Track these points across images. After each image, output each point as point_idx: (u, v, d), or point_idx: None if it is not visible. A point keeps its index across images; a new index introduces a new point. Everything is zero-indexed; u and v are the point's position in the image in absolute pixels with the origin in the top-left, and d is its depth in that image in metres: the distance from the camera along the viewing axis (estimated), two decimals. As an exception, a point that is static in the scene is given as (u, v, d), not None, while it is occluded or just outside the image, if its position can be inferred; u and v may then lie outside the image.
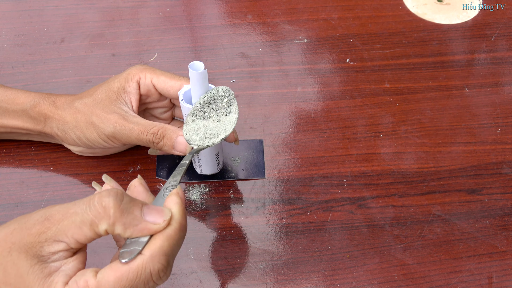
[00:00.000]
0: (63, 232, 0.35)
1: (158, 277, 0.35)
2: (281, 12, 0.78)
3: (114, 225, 0.35)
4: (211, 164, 0.59)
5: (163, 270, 0.35)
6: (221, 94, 0.52)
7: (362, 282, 0.56)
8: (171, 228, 0.36)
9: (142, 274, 0.34)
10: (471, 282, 0.56)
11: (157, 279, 0.35)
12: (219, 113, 0.52)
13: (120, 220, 0.35)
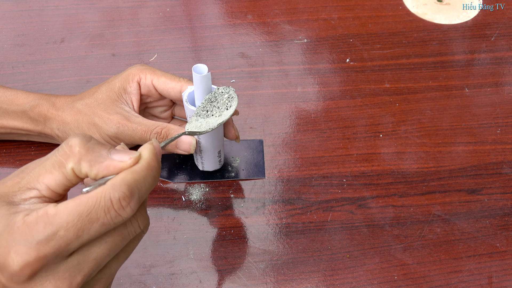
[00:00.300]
0: (35, 179, 0.34)
1: (119, 206, 0.33)
2: (281, 12, 0.78)
3: (80, 163, 0.34)
4: (213, 161, 0.60)
5: (125, 199, 0.33)
6: (221, 91, 0.53)
7: (362, 282, 0.56)
8: (138, 165, 0.35)
9: (102, 200, 0.33)
10: (471, 282, 0.56)
11: (118, 208, 0.33)
12: (221, 109, 0.52)
13: (86, 157, 0.34)
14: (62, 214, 0.32)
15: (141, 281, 0.55)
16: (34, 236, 0.31)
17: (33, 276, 0.32)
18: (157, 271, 0.56)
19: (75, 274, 0.33)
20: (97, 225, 0.33)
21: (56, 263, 0.32)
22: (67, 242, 0.32)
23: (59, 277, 0.32)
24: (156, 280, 0.55)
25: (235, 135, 0.58)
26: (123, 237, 0.35)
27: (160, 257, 0.57)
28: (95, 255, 0.33)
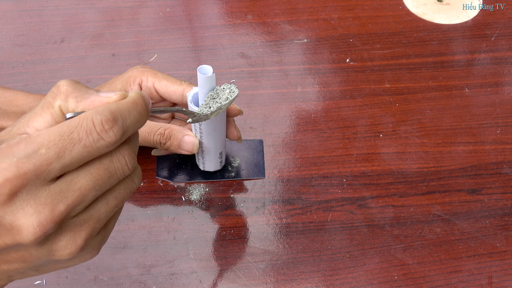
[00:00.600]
0: (25, 124, 0.34)
1: (101, 128, 0.32)
2: (281, 12, 0.78)
3: (67, 100, 0.34)
4: (214, 162, 0.60)
5: (108, 123, 0.32)
6: (223, 87, 0.53)
7: (362, 282, 0.56)
8: (123, 100, 0.34)
9: (84, 122, 0.32)
10: (471, 282, 0.56)
11: (101, 130, 0.32)
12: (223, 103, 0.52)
13: (72, 94, 0.34)
14: (44, 134, 0.32)
15: (141, 281, 0.55)
16: (14, 154, 0.31)
17: (13, 196, 0.31)
18: (157, 271, 0.56)
19: (58, 202, 0.32)
20: (79, 146, 0.32)
21: (38, 186, 0.31)
22: (48, 161, 0.31)
23: (40, 202, 0.31)
24: (156, 280, 0.55)
25: (237, 135, 0.58)
26: (109, 172, 0.34)
27: (160, 257, 0.57)
28: (79, 185, 0.32)
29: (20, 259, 0.33)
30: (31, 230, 0.31)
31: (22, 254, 0.32)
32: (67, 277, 0.55)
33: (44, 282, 0.55)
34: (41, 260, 0.33)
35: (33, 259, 0.32)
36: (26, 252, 0.32)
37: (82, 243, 0.33)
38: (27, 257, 0.32)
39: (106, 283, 0.55)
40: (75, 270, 0.56)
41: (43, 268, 0.34)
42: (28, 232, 0.31)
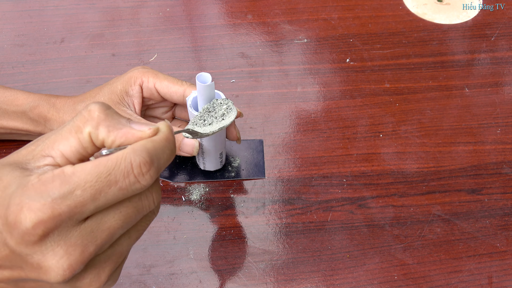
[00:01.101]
0: (50, 146, 0.33)
1: (139, 171, 0.31)
2: (281, 12, 0.78)
3: (98, 128, 0.32)
4: (214, 162, 0.60)
5: (145, 165, 0.31)
6: (220, 102, 0.53)
7: (362, 282, 0.56)
8: (157, 136, 0.33)
9: (122, 163, 0.31)
10: (471, 282, 0.56)
11: (138, 174, 0.31)
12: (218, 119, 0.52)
13: (104, 122, 0.33)
14: (80, 173, 0.30)
15: (141, 281, 0.55)
16: (49, 193, 0.30)
17: (45, 237, 0.30)
18: (157, 271, 0.56)
19: (88, 243, 0.31)
20: (115, 188, 0.31)
21: (69, 227, 0.31)
22: (83, 203, 0.30)
23: (71, 243, 0.30)
24: (156, 280, 0.55)
25: (236, 136, 0.58)
26: (138, 210, 0.33)
27: (160, 257, 0.57)
28: (108, 225, 0.32)
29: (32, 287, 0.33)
30: (61, 272, 0.30)
31: (41, 285, 0.32)
32: (67, 277, 0.55)
33: (44, 282, 0.55)
34: None
35: None
36: (48, 285, 0.32)
37: (105, 279, 0.33)
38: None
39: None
40: (75, 270, 0.56)
41: None
42: (57, 274, 0.30)
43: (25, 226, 0.29)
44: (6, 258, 0.30)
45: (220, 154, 0.59)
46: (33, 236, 0.29)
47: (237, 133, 0.58)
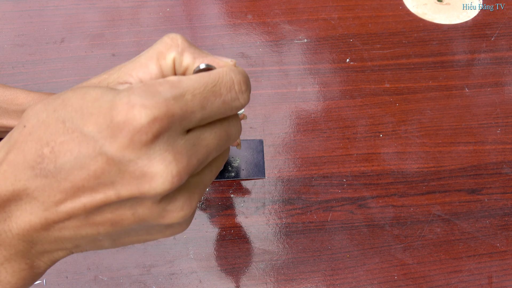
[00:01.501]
0: (127, 73, 0.31)
1: (240, 89, 0.30)
2: (281, 12, 0.78)
3: (183, 54, 0.31)
4: None
5: (244, 84, 0.31)
6: None
7: (362, 282, 0.56)
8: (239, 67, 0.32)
9: (225, 77, 0.30)
10: (471, 282, 0.56)
11: (239, 90, 0.30)
12: None
13: (189, 49, 0.31)
14: (187, 81, 0.29)
15: (141, 281, 0.55)
16: (161, 94, 0.28)
17: (156, 138, 0.27)
18: (157, 271, 0.56)
19: (191, 155, 0.29)
20: (219, 101, 0.30)
21: (177, 134, 0.28)
22: (192, 109, 0.29)
23: (178, 151, 0.28)
24: (156, 280, 0.55)
25: (236, 141, 0.58)
26: (227, 135, 0.31)
27: (160, 257, 0.57)
28: (206, 142, 0.30)
29: (113, 220, 0.29)
30: (169, 178, 0.27)
31: (120, 214, 0.29)
32: (67, 277, 0.55)
33: (44, 282, 0.55)
34: (138, 224, 0.29)
35: (131, 221, 0.29)
36: (129, 212, 0.29)
37: (195, 206, 0.30)
38: (124, 219, 0.29)
39: (106, 283, 0.55)
40: (75, 270, 0.56)
41: (124, 239, 0.31)
42: (166, 180, 0.27)
43: (139, 123, 0.27)
44: (97, 173, 0.27)
45: None
46: (145, 135, 0.27)
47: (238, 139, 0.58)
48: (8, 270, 0.30)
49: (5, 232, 0.29)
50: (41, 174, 0.28)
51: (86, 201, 0.28)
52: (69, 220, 0.29)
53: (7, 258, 0.30)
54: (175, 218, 0.29)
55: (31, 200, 0.29)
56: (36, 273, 0.31)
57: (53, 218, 0.28)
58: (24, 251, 0.30)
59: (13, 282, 0.30)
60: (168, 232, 0.31)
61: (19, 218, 0.29)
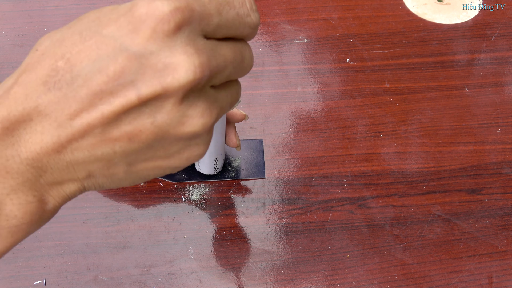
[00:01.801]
0: None
1: (251, 6, 0.30)
2: (281, 12, 0.78)
3: None
4: (208, 166, 0.60)
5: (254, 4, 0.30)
6: None
7: (362, 282, 0.56)
8: None
9: None
10: (471, 282, 0.56)
11: (250, 8, 0.30)
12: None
13: None
14: None
15: (141, 281, 0.55)
16: None
17: (178, 29, 0.27)
18: (157, 271, 0.56)
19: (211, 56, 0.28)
20: (234, 12, 0.29)
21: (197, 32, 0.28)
22: (210, 12, 0.28)
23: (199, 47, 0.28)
24: (156, 280, 0.55)
25: (236, 143, 0.58)
26: (242, 57, 0.31)
27: (160, 257, 0.57)
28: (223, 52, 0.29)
29: (131, 134, 0.28)
30: (192, 68, 0.27)
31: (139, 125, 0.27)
32: (67, 277, 0.55)
33: (44, 282, 0.55)
34: (156, 138, 0.28)
35: (150, 133, 0.28)
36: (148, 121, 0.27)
37: (215, 117, 0.29)
38: (143, 130, 0.27)
39: (106, 283, 0.55)
40: (75, 270, 0.56)
41: (140, 164, 0.30)
42: (189, 69, 0.27)
43: (161, 12, 0.26)
44: (116, 73, 0.26)
45: (215, 160, 0.59)
46: (167, 25, 0.27)
47: (237, 140, 0.58)
48: (14, 202, 0.28)
49: (13, 158, 0.27)
50: (55, 87, 0.27)
51: (104, 108, 0.26)
52: (84, 138, 0.27)
53: (13, 188, 0.28)
54: (195, 125, 0.28)
55: (43, 118, 0.27)
56: (45, 209, 0.29)
57: (67, 135, 0.27)
58: (32, 181, 0.28)
59: (19, 216, 0.28)
60: (186, 152, 0.30)
61: (28, 141, 0.27)
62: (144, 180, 0.31)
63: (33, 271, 0.56)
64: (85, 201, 0.60)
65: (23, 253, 0.56)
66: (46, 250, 0.57)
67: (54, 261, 0.56)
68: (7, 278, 0.55)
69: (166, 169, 0.30)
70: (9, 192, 0.28)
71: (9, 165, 0.27)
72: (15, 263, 0.56)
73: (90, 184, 0.30)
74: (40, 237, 0.57)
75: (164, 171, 0.31)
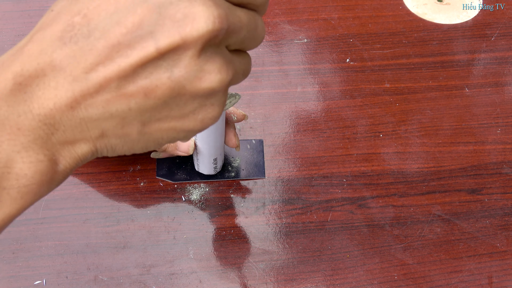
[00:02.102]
0: None
1: None
2: (281, 12, 0.78)
3: None
4: (208, 166, 0.60)
5: None
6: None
7: (362, 282, 0.56)
8: None
9: None
10: (471, 282, 0.56)
11: None
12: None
13: None
14: None
15: (141, 281, 0.55)
16: None
17: None
18: (157, 271, 0.56)
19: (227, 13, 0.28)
20: None
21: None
22: None
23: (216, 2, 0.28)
24: (156, 280, 0.55)
25: (235, 143, 0.58)
26: (255, 24, 0.30)
27: (160, 257, 0.57)
28: (238, 14, 0.29)
29: (147, 89, 0.27)
30: (211, 18, 0.27)
31: (155, 79, 0.27)
32: (67, 277, 0.55)
33: (44, 282, 0.55)
34: (172, 95, 0.27)
35: (166, 89, 0.27)
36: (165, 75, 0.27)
37: (231, 76, 0.29)
38: (159, 85, 0.27)
39: (106, 283, 0.55)
40: (75, 270, 0.56)
41: (155, 124, 0.29)
42: (208, 19, 0.26)
43: None
44: (134, 24, 0.26)
45: (214, 160, 0.59)
46: None
47: (237, 141, 0.58)
48: (24, 159, 0.27)
49: (25, 114, 0.27)
50: (71, 41, 0.26)
51: (122, 61, 0.26)
52: (99, 93, 0.27)
53: (24, 146, 0.27)
54: (212, 80, 0.28)
55: (57, 73, 0.26)
56: (56, 170, 0.28)
57: (82, 90, 0.26)
58: (44, 139, 0.27)
59: (29, 175, 0.27)
60: (201, 113, 0.29)
61: (41, 97, 0.27)
62: (157, 145, 0.30)
63: (33, 271, 0.56)
64: (85, 201, 0.60)
65: (23, 253, 0.56)
66: (46, 250, 0.57)
67: (54, 261, 0.56)
68: (7, 278, 0.55)
69: (180, 132, 0.30)
70: (20, 150, 0.27)
71: (21, 121, 0.27)
72: (15, 263, 0.56)
73: (102, 146, 0.29)
74: (40, 237, 0.57)
75: (178, 134, 0.30)
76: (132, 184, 0.61)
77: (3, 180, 0.27)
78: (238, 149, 0.59)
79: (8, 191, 0.27)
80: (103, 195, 0.60)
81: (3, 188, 0.27)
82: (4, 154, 0.27)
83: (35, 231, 0.58)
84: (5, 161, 0.27)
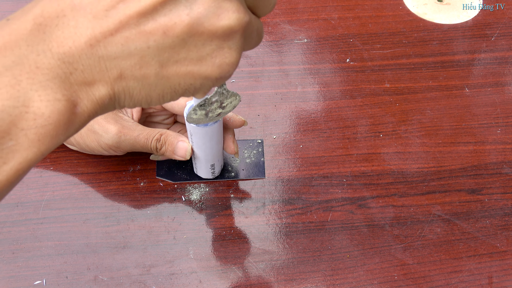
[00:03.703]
0: None
1: None
2: (281, 12, 0.78)
3: None
4: (205, 171, 0.60)
5: None
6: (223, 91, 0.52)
7: (362, 282, 0.56)
8: None
9: None
10: (471, 282, 0.56)
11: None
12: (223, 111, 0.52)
13: None
14: None
15: (141, 281, 0.55)
16: None
17: None
18: (157, 271, 0.56)
19: None
20: None
21: None
22: None
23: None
24: (156, 280, 0.55)
25: (234, 150, 0.58)
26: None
27: (160, 257, 0.57)
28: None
29: (166, 27, 0.27)
30: None
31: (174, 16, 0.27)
32: (67, 277, 0.55)
33: (44, 282, 0.55)
34: (191, 32, 0.27)
35: (184, 26, 0.27)
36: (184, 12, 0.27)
37: (247, 19, 0.29)
38: (178, 23, 0.27)
39: (106, 283, 0.55)
40: (75, 270, 0.56)
41: (173, 66, 0.29)
42: None
43: None
44: None
45: (212, 166, 0.59)
46: None
47: (235, 147, 0.58)
48: (42, 98, 0.27)
49: (44, 52, 0.27)
50: None
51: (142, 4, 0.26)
52: (119, 30, 0.27)
53: (42, 84, 0.27)
54: (230, 17, 0.28)
55: (77, 12, 0.27)
56: (73, 112, 0.28)
57: (102, 27, 0.27)
58: (62, 78, 0.27)
59: (46, 115, 0.27)
60: (218, 57, 0.29)
61: (60, 36, 0.27)
62: (173, 94, 0.30)
63: (33, 271, 0.56)
64: (85, 201, 0.60)
65: (23, 253, 0.56)
66: (46, 250, 0.57)
67: (54, 261, 0.56)
68: (7, 278, 0.55)
69: (198, 79, 0.30)
70: (38, 88, 0.27)
71: (40, 59, 0.27)
72: (15, 263, 0.56)
73: (120, 89, 0.29)
74: (40, 237, 0.57)
75: (195, 80, 0.30)
76: (132, 184, 0.61)
77: (21, 120, 0.27)
78: (237, 156, 0.59)
79: (26, 132, 0.27)
80: (103, 195, 0.60)
81: (21, 129, 0.27)
82: (23, 92, 0.26)
83: (35, 231, 0.58)
84: (23, 99, 0.26)
